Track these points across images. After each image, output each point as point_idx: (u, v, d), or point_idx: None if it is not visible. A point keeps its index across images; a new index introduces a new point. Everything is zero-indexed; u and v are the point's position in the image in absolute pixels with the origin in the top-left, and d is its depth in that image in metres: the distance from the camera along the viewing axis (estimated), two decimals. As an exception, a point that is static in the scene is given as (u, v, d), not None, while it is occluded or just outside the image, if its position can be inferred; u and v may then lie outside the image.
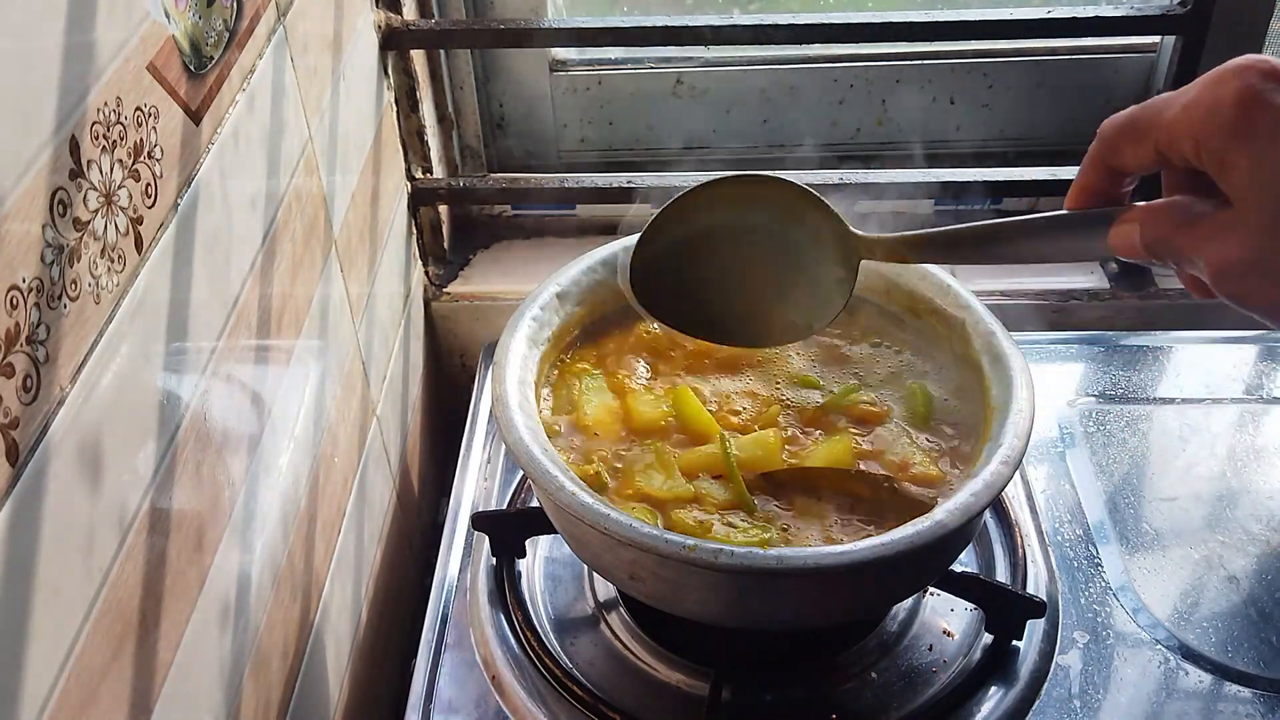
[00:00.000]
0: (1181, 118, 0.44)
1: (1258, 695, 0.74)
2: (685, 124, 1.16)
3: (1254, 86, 0.42)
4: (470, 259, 1.18)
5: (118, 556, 0.54)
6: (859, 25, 0.99)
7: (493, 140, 1.20)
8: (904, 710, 0.73)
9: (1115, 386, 0.98)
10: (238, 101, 0.68)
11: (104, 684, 0.53)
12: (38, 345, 0.47)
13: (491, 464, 0.93)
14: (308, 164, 0.79)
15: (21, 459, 0.46)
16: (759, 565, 0.61)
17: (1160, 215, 0.48)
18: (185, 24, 0.61)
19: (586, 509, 0.64)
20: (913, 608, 0.79)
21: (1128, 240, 0.49)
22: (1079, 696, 0.74)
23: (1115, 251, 0.51)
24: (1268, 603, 0.80)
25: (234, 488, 0.68)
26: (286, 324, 0.76)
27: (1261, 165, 0.41)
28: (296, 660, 0.78)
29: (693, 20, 0.99)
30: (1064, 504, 0.88)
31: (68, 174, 0.49)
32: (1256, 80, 0.42)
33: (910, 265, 0.79)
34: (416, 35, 1.00)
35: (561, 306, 0.79)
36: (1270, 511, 0.86)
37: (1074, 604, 0.80)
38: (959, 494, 0.64)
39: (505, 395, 0.71)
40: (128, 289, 0.55)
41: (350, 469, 0.90)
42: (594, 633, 0.79)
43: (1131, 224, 0.49)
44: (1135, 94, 1.14)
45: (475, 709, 0.76)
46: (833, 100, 1.15)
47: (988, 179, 1.05)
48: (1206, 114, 0.43)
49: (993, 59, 1.13)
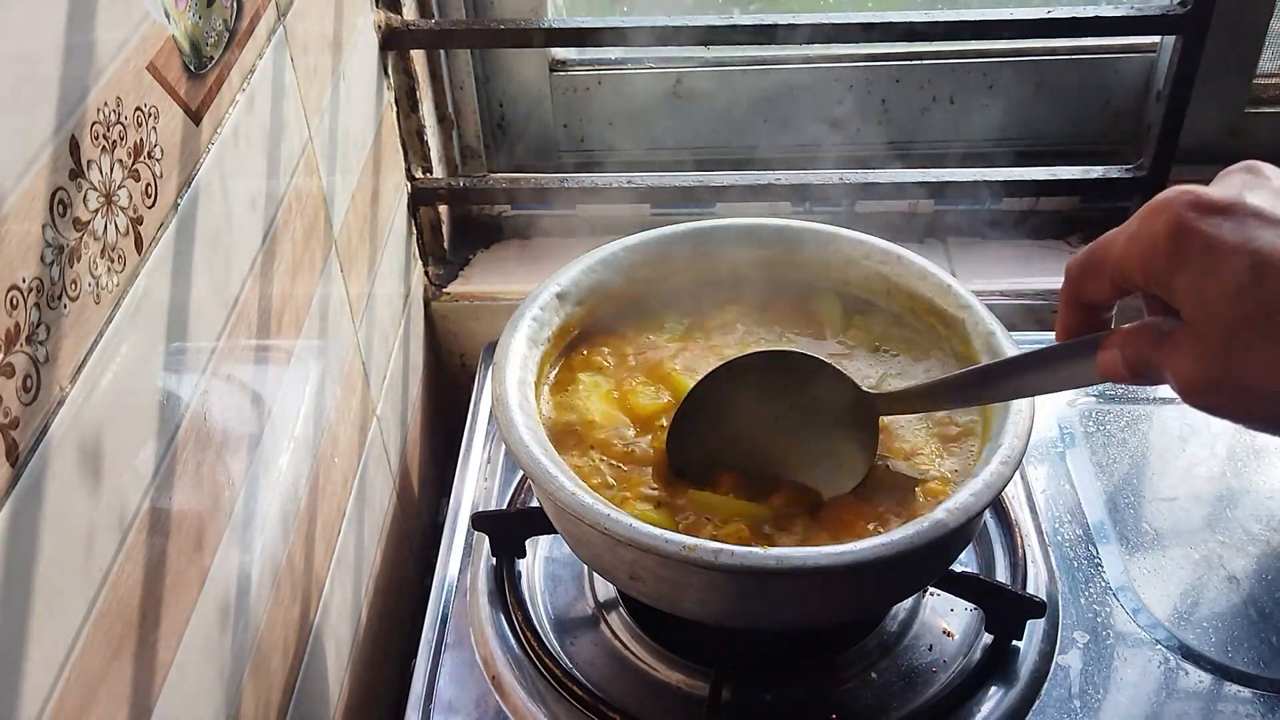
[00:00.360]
0: (1125, 251, 0.47)
1: (1258, 695, 0.74)
2: (685, 124, 1.16)
3: (1180, 217, 0.44)
4: (470, 259, 1.18)
5: (118, 557, 0.54)
6: (859, 25, 0.99)
7: (493, 140, 1.20)
8: (904, 710, 0.73)
9: (1115, 386, 0.98)
10: (238, 101, 0.68)
11: (104, 684, 0.53)
12: (38, 345, 0.47)
13: (491, 464, 0.93)
14: (308, 164, 0.79)
15: (21, 459, 0.46)
16: (759, 565, 0.61)
17: (1138, 337, 0.50)
18: (185, 24, 0.61)
19: (586, 509, 0.64)
20: (913, 608, 0.79)
21: (1113, 363, 0.52)
22: (1079, 696, 0.74)
23: (1104, 376, 0.53)
24: (1268, 603, 0.80)
25: (234, 488, 0.68)
26: (286, 324, 0.76)
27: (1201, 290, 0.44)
28: (296, 660, 0.78)
29: (693, 20, 0.99)
30: (1064, 504, 0.88)
31: (68, 174, 0.49)
32: (1183, 210, 0.44)
33: (910, 266, 0.80)
34: (416, 35, 1.00)
35: (561, 306, 0.79)
36: (1270, 511, 0.86)
37: (1074, 604, 0.80)
38: (959, 494, 0.64)
39: (505, 395, 0.71)
40: (128, 289, 0.55)
41: (350, 469, 0.90)
42: (594, 633, 0.79)
43: (1114, 349, 0.51)
44: (1135, 94, 1.14)
45: (475, 709, 0.76)
46: (833, 100, 1.15)
47: (988, 179, 1.05)
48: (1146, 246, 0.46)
49: (993, 59, 1.13)
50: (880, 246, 0.82)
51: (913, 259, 0.80)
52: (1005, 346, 0.73)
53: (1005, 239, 1.16)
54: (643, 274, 0.83)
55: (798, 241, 0.84)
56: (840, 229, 0.83)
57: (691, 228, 0.84)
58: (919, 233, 1.16)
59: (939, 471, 0.71)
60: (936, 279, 0.79)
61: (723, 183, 1.06)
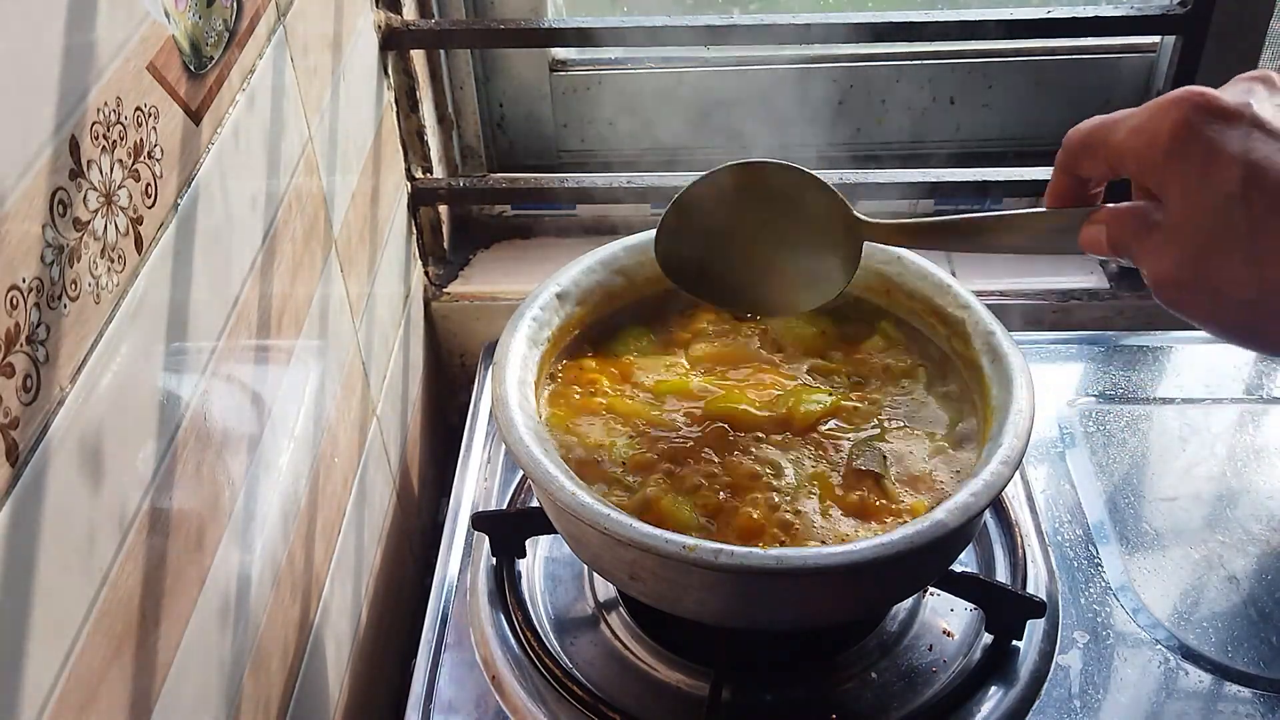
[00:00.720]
0: (1126, 141, 0.48)
1: (1258, 695, 0.74)
2: (685, 124, 1.16)
3: (1188, 118, 0.45)
4: (470, 259, 1.18)
5: (118, 556, 0.54)
6: (859, 25, 0.99)
7: (493, 140, 1.20)
8: (904, 710, 0.73)
9: (1115, 386, 0.98)
10: (238, 101, 0.68)
11: (104, 684, 0.53)
12: (38, 345, 0.47)
13: (491, 464, 0.93)
14: (308, 164, 0.79)
15: (21, 459, 0.46)
16: (759, 565, 0.61)
17: (1123, 219, 0.51)
18: (185, 24, 0.61)
19: (586, 509, 0.64)
20: (913, 608, 0.79)
21: (1096, 240, 0.53)
22: (1079, 696, 0.74)
23: (1086, 249, 0.54)
24: (1268, 603, 0.80)
25: (234, 488, 0.68)
26: (286, 324, 0.76)
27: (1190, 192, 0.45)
28: (296, 660, 0.78)
29: (693, 20, 0.99)
30: (1064, 504, 0.88)
31: (68, 174, 0.49)
32: (1191, 113, 0.45)
33: (910, 265, 0.80)
34: (416, 35, 1.00)
35: (561, 306, 0.79)
36: (1270, 511, 0.86)
37: (1074, 604, 0.80)
38: (959, 494, 0.64)
39: (505, 395, 0.71)
40: (128, 289, 0.55)
41: (350, 469, 0.90)
42: (594, 633, 0.79)
43: (1099, 225, 0.52)
44: (1135, 94, 1.14)
45: (475, 709, 0.76)
46: (833, 100, 1.15)
47: (988, 179, 1.05)
48: (1147, 140, 0.47)
49: (993, 59, 1.13)
50: (880, 246, 0.82)
51: (913, 259, 0.80)
52: (1005, 346, 0.73)
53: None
54: (643, 274, 0.83)
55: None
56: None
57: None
58: (919, 233, 1.16)
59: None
60: (936, 279, 0.79)
61: (723, 183, 1.06)
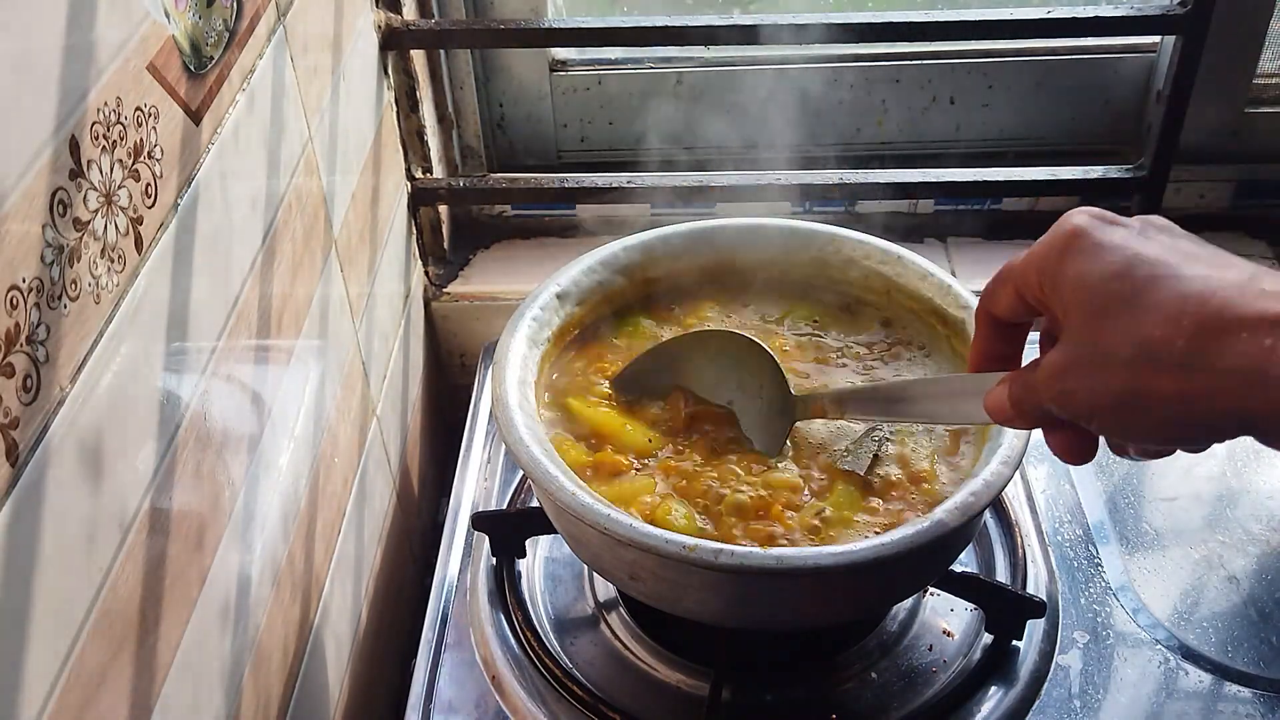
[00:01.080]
0: (1028, 258, 0.51)
1: (1258, 695, 0.74)
2: (685, 124, 1.16)
3: (1082, 225, 0.48)
4: (470, 259, 1.18)
5: (118, 556, 0.54)
6: (859, 25, 0.99)
7: (493, 140, 1.20)
8: (904, 710, 0.73)
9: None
10: (238, 101, 0.68)
11: (104, 684, 0.53)
12: (38, 345, 0.47)
13: (491, 464, 0.93)
14: (308, 164, 0.79)
15: (21, 459, 0.46)
16: (759, 565, 0.61)
17: (1023, 371, 0.52)
18: (185, 24, 0.61)
19: (586, 509, 0.64)
20: (913, 608, 0.79)
21: (999, 402, 0.53)
22: (1079, 696, 0.74)
23: (990, 416, 0.54)
24: (1268, 603, 0.80)
25: (234, 488, 0.68)
26: (286, 324, 0.76)
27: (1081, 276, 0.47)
28: (296, 660, 0.78)
29: (693, 20, 0.99)
30: (1064, 504, 0.88)
31: (68, 174, 0.49)
32: (1085, 220, 0.48)
33: (910, 266, 0.80)
34: (416, 35, 1.00)
35: (561, 306, 0.79)
36: (1270, 511, 0.86)
37: (1074, 604, 0.80)
38: (959, 494, 0.64)
39: (505, 395, 0.71)
40: (128, 289, 0.55)
41: (350, 469, 0.90)
42: (594, 633, 0.79)
43: (1002, 386, 0.53)
44: (1135, 94, 1.14)
45: (475, 709, 0.76)
46: (833, 100, 1.15)
47: (988, 179, 1.05)
48: (1045, 250, 0.49)
49: (993, 59, 1.13)
50: (880, 246, 0.82)
51: (913, 259, 0.80)
52: (1005, 346, 0.73)
53: (1005, 239, 1.16)
54: (643, 274, 0.83)
55: (798, 241, 0.84)
56: (840, 229, 0.83)
57: (691, 228, 0.84)
58: (919, 233, 1.16)
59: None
60: (936, 279, 0.79)
61: (723, 183, 1.06)
